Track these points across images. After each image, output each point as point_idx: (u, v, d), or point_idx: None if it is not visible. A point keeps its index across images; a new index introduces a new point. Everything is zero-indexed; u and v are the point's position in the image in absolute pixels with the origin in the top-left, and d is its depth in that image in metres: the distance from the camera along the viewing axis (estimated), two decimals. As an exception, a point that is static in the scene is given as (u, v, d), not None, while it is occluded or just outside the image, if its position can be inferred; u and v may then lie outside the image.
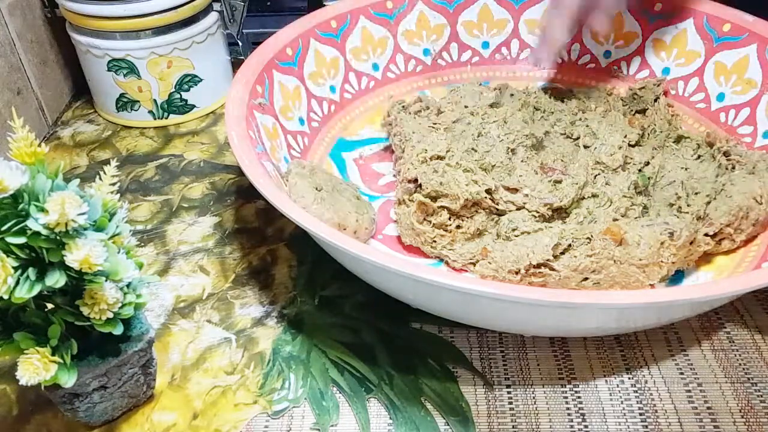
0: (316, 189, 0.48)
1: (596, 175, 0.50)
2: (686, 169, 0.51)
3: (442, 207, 0.48)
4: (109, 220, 0.33)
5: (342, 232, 0.43)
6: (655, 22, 0.63)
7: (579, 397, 0.41)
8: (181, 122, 0.68)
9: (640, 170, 0.51)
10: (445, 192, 0.47)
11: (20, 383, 0.31)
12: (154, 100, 0.66)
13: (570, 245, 0.44)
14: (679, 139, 0.55)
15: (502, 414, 0.40)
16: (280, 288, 0.49)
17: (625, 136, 0.53)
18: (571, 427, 0.39)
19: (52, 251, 0.30)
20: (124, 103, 0.66)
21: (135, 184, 0.59)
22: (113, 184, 0.34)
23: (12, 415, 0.41)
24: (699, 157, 0.53)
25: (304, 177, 0.48)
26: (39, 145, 0.31)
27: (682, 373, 0.42)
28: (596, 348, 0.44)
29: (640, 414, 0.40)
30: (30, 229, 0.29)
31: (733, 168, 0.50)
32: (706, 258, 0.47)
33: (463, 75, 0.68)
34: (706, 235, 0.46)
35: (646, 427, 0.39)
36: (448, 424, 0.40)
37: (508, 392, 0.41)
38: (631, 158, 0.51)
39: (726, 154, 0.51)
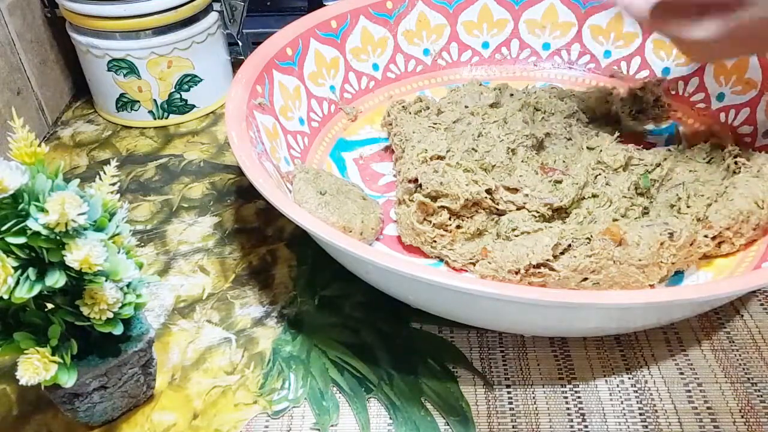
0: (320, 193, 0.48)
1: (596, 176, 0.50)
2: (694, 171, 0.51)
3: (443, 207, 0.48)
4: (109, 220, 0.33)
5: (348, 234, 0.43)
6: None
7: (579, 397, 0.41)
8: (181, 122, 0.68)
9: (649, 171, 0.50)
10: (445, 192, 0.47)
11: (20, 383, 0.31)
12: (154, 100, 0.66)
13: (570, 245, 0.44)
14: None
15: (502, 414, 0.40)
16: (280, 288, 0.49)
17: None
18: (571, 427, 0.39)
19: (52, 251, 0.30)
20: (124, 103, 0.66)
21: (135, 184, 0.59)
22: (113, 184, 0.34)
23: (12, 415, 0.41)
24: (710, 160, 0.53)
25: (309, 181, 0.48)
26: (39, 145, 0.31)
27: (682, 373, 0.42)
28: (596, 348, 0.44)
29: (640, 414, 0.40)
30: (30, 229, 0.29)
31: (739, 171, 0.49)
32: (706, 258, 0.47)
33: (463, 75, 0.68)
34: (706, 236, 0.46)
35: (646, 427, 0.39)
36: (448, 424, 0.40)
37: (508, 392, 0.41)
38: (642, 159, 0.51)
39: (736, 156, 0.51)
